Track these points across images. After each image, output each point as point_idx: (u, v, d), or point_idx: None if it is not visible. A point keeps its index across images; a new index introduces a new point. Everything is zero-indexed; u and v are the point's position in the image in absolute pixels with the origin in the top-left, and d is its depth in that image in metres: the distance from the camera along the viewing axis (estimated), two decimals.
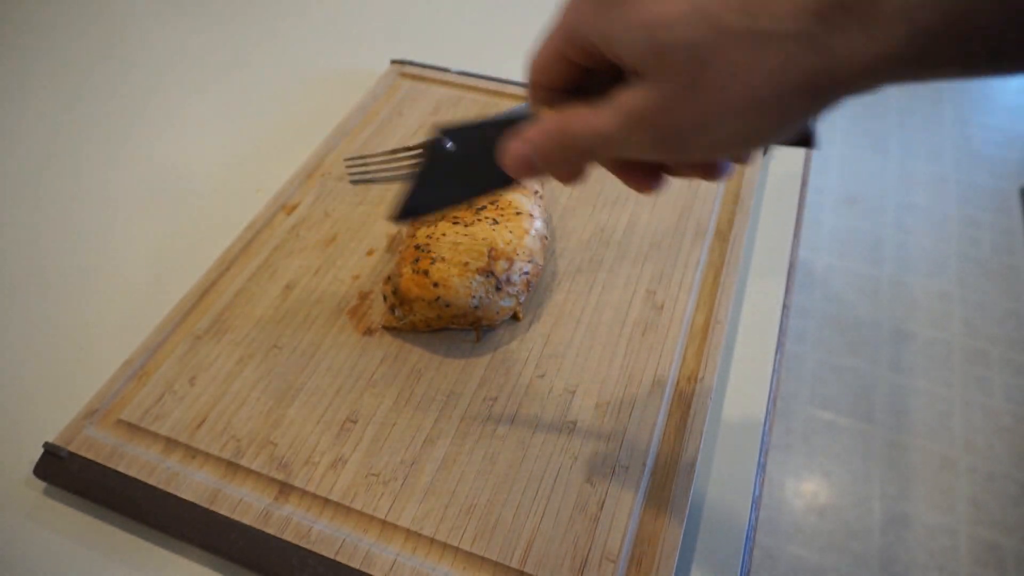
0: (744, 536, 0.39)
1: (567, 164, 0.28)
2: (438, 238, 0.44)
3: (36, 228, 0.56)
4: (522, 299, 0.45)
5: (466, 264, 0.43)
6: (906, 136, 1.93)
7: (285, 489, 0.38)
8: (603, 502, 0.37)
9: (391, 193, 0.55)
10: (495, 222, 0.45)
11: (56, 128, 0.65)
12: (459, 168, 0.31)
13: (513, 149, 0.28)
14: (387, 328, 0.46)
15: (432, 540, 0.36)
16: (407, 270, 0.43)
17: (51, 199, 0.58)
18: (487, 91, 0.64)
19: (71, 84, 0.70)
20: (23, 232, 0.56)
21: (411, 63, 0.67)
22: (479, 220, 0.45)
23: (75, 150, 0.63)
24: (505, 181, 0.31)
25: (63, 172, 0.61)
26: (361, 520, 0.37)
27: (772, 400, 0.45)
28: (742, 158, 0.28)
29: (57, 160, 0.62)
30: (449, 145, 0.31)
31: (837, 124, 1.96)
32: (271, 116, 0.66)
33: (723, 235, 0.51)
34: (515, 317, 0.46)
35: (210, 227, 0.55)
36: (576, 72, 0.28)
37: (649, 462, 0.39)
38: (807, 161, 0.60)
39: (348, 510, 0.38)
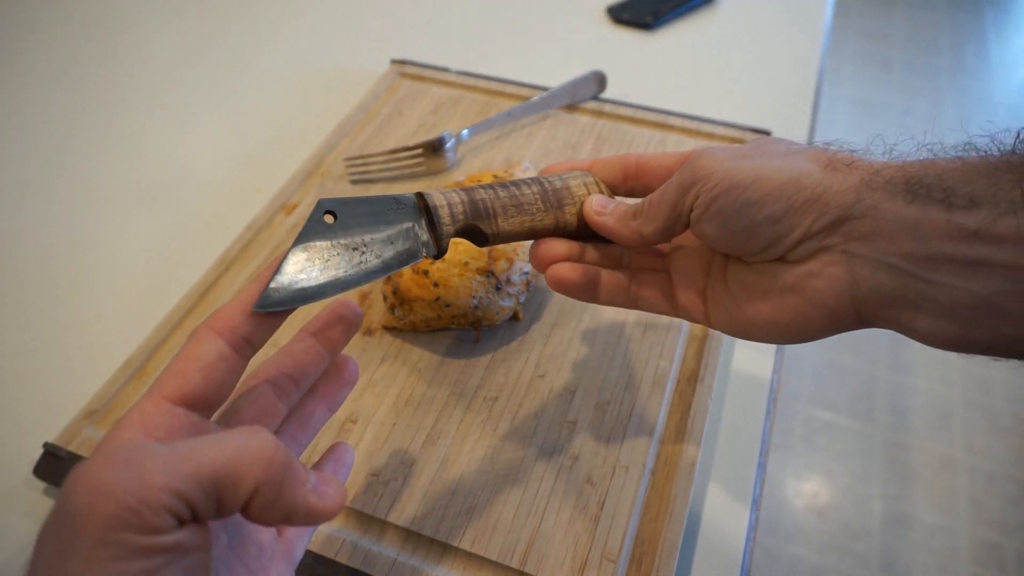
0: (744, 536, 0.39)
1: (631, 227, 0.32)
2: None
3: (36, 228, 0.56)
4: (522, 299, 0.45)
5: (466, 264, 0.43)
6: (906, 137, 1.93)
7: None
8: (603, 502, 0.37)
9: (391, 193, 0.55)
10: None
11: (55, 129, 0.65)
12: (338, 247, 0.27)
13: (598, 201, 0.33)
14: (387, 328, 0.46)
15: (432, 540, 0.36)
16: (407, 270, 0.43)
17: (50, 199, 0.58)
18: (487, 91, 0.64)
19: (71, 85, 0.70)
20: (23, 232, 0.56)
21: (411, 63, 0.67)
22: None
23: (75, 150, 0.63)
24: (387, 266, 0.28)
25: (62, 172, 0.61)
26: (361, 520, 0.37)
27: (772, 400, 0.45)
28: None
29: (56, 160, 0.62)
30: (329, 219, 0.27)
31: (837, 123, 1.96)
32: (271, 116, 0.66)
33: None
34: (515, 317, 0.46)
35: (210, 227, 0.55)
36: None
37: (649, 462, 0.39)
38: None
39: (348, 510, 0.37)
